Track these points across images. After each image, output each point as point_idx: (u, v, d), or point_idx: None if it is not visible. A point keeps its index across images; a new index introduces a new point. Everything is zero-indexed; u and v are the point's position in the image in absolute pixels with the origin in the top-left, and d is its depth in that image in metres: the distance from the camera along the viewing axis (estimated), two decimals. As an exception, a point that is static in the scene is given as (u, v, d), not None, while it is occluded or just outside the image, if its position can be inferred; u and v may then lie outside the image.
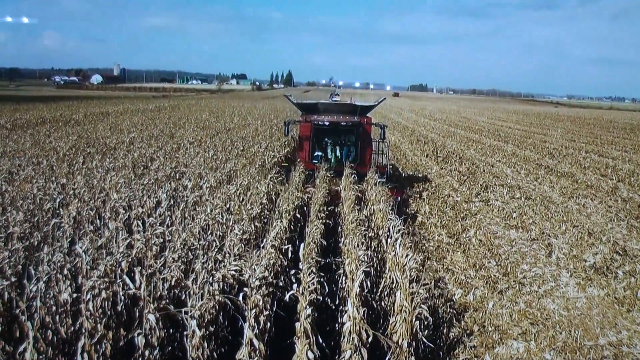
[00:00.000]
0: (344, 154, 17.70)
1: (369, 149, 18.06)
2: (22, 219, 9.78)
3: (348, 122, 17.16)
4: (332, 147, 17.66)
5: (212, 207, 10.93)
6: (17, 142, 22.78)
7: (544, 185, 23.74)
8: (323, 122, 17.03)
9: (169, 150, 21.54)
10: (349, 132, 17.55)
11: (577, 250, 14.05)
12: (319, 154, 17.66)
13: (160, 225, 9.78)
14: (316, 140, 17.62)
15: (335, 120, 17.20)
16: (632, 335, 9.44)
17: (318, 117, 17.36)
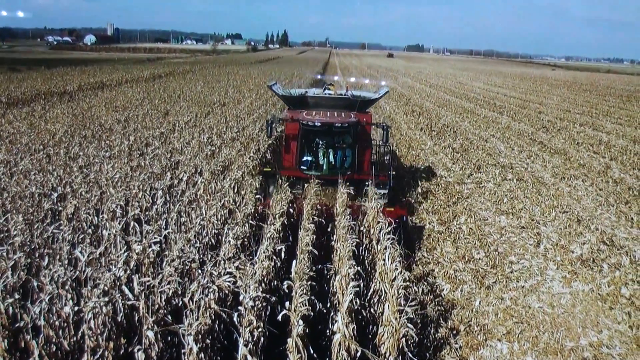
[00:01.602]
0: (338, 158, 14.41)
1: (369, 153, 15.01)
2: (22, 222, 9.97)
3: (344, 123, 13.84)
4: (325, 150, 14.23)
5: (206, 207, 11.14)
6: (11, 123, 22.76)
7: (536, 163, 23.97)
8: (314, 123, 13.68)
9: (164, 132, 21.56)
10: (344, 132, 14.26)
11: (565, 240, 14.39)
12: (308, 159, 14.46)
13: (156, 228, 9.97)
14: (305, 141, 14.35)
15: (328, 121, 13.82)
16: (613, 335, 9.84)
17: (307, 115, 14.23)
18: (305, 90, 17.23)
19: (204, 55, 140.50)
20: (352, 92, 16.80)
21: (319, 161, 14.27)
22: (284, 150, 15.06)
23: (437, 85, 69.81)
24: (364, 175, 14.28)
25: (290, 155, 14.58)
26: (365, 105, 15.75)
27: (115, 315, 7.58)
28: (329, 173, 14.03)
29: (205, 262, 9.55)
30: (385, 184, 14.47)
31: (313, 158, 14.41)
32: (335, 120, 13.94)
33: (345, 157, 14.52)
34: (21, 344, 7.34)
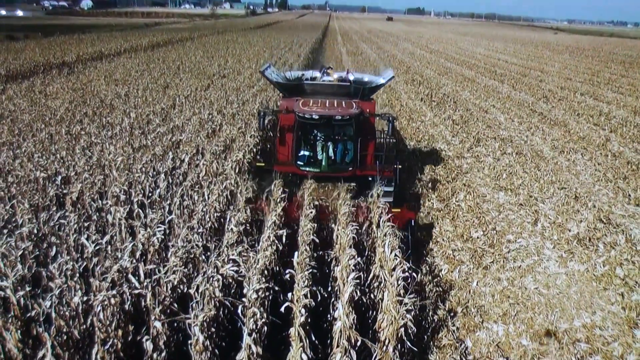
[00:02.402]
0: (338, 153, 13.09)
1: (372, 145, 13.59)
2: (28, 210, 10.16)
3: (344, 116, 12.38)
4: (324, 144, 12.89)
5: (209, 192, 11.31)
6: (11, 99, 22.74)
7: (536, 136, 24.02)
8: (311, 115, 12.24)
9: (164, 108, 21.55)
10: (345, 125, 12.87)
11: (563, 217, 14.58)
12: (305, 153, 13.06)
13: (160, 215, 10.16)
14: (302, 134, 13.01)
15: (327, 114, 12.37)
16: (606, 317, 10.11)
17: (304, 105, 12.71)
18: (301, 73, 16.00)
19: (203, 20, 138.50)
20: (353, 74, 15.62)
21: (317, 156, 12.92)
22: (278, 143, 13.59)
23: (438, 52, 69.09)
24: (367, 171, 13.09)
25: (286, 148, 13.28)
26: (368, 93, 14.27)
27: (123, 304, 7.83)
28: (328, 169, 12.75)
29: (209, 248, 9.80)
30: (391, 180, 13.13)
31: (311, 152, 13.05)
32: (335, 112, 12.45)
33: (346, 150, 13.16)
34: (33, 332, 7.64)
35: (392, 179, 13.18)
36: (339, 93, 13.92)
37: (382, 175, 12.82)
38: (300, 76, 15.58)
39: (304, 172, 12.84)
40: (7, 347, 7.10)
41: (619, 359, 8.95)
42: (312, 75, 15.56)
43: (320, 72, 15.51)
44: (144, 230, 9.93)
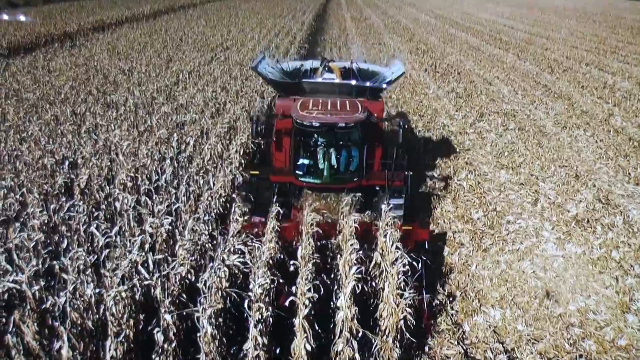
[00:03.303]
0: (342, 160, 11.60)
1: (380, 151, 12.18)
2: (38, 199, 10.43)
3: (349, 123, 10.99)
4: (325, 150, 11.43)
5: (214, 179, 11.57)
6: (14, 76, 22.81)
7: (539, 110, 24.02)
8: (310, 123, 10.89)
9: (168, 85, 21.61)
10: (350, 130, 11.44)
11: (562, 197, 14.80)
12: (305, 162, 11.61)
13: (166, 206, 10.43)
14: (301, 140, 11.66)
15: (329, 121, 10.92)
16: (600, 301, 10.45)
17: (303, 108, 11.17)
18: (300, 64, 14.74)
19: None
20: (357, 63, 14.25)
21: (319, 165, 11.47)
22: (274, 147, 12.22)
23: (443, 17, 68.00)
24: (374, 180, 11.79)
25: (282, 154, 12.01)
26: (375, 92, 12.80)
27: (134, 295, 8.16)
28: (330, 181, 11.33)
29: (215, 236, 10.10)
30: (401, 192, 11.72)
31: (311, 161, 11.62)
32: (339, 119, 10.97)
33: (350, 158, 11.69)
34: (49, 322, 8.02)
35: (402, 189, 11.75)
36: (342, 91, 12.40)
37: (391, 184, 11.51)
38: (299, 67, 14.33)
39: (303, 184, 11.57)
40: (26, 340, 7.47)
41: (610, 343, 9.30)
42: (312, 66, 14.30)
43: (321, 65, 13.89)
44: (151, 219, 10.25)
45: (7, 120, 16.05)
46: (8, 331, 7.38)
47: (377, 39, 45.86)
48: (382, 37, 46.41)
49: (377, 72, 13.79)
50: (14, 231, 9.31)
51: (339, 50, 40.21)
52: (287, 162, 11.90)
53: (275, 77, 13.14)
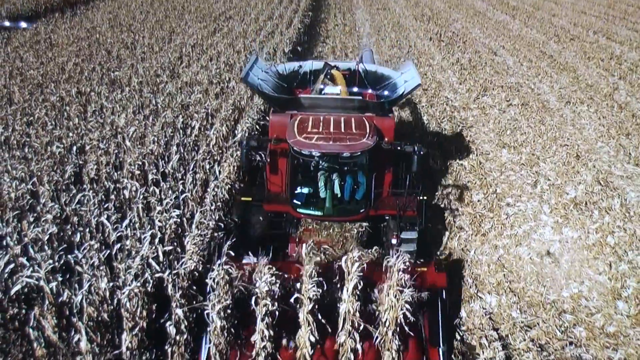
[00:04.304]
0: (346, 188, 10.13)
1: (390, 175, 10.73)
2: (49, 190, 10.77)
3: (355, 151, 9.54)
4: (327, 177, 9.97)
5: (220, 168, 11.88)
6: (16, 50, 22.85)
7: (544, 83, 23.97)
8: (310, 152, 9.48)
9: (171, 61, 21.65)
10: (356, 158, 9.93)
11: (562, 179, 15.03)
12: (304, 191, 10.26)
13: (174, 198, 10.77)
14: (299, 166, 10.16)
15: (332, 150, 9.51)
16: (593, 287, 10.84)
17: (301, 130, 9.73)
18: (298, 65, 12.86)
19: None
20: (364, 64, 12.56)
21: (320, 193, 10.08)
22: (268, 169, 10.63)
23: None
24: (383, 210, 10.45)
25: (278, 177, 10.56)
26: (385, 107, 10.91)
27: (146, 288, 8.60)
28: (333, 213, 10.00)
29: (221, 227, 10.48)
30: (414, 224, 10.35)
31: (311, 189, 10.21)
32: (343, 147, 9.46)
33: (356, 185, 10.22)
34: (66, 312, 8.50)
35: (415, 221, 10.41)
36: (347, 106, 10.78)
37: (403, 214, 10.24)
38: (297, 69, 12.64)
39: (302, 216, 10.34)
40: (46, 334, 7.95)
41: (600, 330, 9.73)
42: (312, 68, 12.55)
43: (322, 72, 12.03)
44: (159, 207, 10.62)
45: (14, 102, 16.24)
46: (29, 325, 7.84)
47: (382, 3, 45.22)
48: (388, 2, 45.73)
49: (386, 76, 12.30)
50: (27, 223, 9.68)
51: (343, 17, 39.81)
52: (283, 187, 10.45)
53: (270, 85, 11.47)
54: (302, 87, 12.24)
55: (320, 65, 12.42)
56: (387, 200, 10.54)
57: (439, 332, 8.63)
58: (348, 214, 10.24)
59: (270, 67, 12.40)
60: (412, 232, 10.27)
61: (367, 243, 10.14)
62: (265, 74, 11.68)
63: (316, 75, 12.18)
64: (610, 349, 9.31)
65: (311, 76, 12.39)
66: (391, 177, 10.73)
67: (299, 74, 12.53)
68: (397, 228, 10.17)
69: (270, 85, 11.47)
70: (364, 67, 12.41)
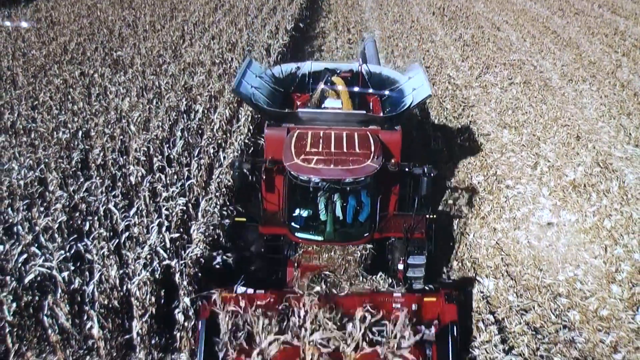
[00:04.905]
0: (349, 209, 9.43)
1: (395, 195, 9.93)
2: (57, 178, 11.02)
3: (359, 177, 8.76)
4: (328, 197, 9.20)
5: (224, 154, 12.09)
6: (18, 30, 22.82)
7: (546, 60, 23.92)
8: (309, 178, 8.83)
9: (174, 40, 21.63)
10: None
11: (562, 160, 15.18)
12: (302, 214, 9.54)
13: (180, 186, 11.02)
14: (298, 188, 9.31)
15: (333, 177, 8.76)
16: (588, 271, 11.11)
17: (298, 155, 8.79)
18: (296, 66, 11.83)
19: None
20: (367, 66, 11.85)
21: (320, 216, 9.39)
22: (264, 187, 9.82)
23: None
24: (389, 232, 9.73)
25: (275, 196, 9.78)
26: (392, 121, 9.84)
27: (154, 275, 8.91)
28: (335, 237, 9.25)
29: (224, 215, 10.76)
30: (423, 248, 9.71)
31: (310, 211, 9.49)
32: (345, 173, 8.65)
33: (360, 205, 9.51)
34: (78, 299, 8.84)
35: (424, 244, 9.76)
36: (349, 120, 9.92)
37: (410, 237, 9.54)
38: (294, 72, 11.71)
39: (300, 241, 9.54)
40: (60, 321, 8.29)
41: (593, 313, 10.04)
42: (311, 70, 11.64)
43: (322, 79, 10.97)
44: (165, 193, 10.89)
45: (18, 86, 16.36)
46: (44, 313, 8.18)
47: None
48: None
49: (392, 80, 11.39)
50: (37, 212, 9.95)
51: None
52: (280, 206, 9.71)
53: (265, 92, 10.60)
54: (300, 92, 11.37)
55: (320, 66, 11.62)
56: (393, 220, 9.70)
57: None
58: (351, 239, 9.46)
59: (265, 71, 11.42)
60: (420, 257, 9.65)
61: (371, 267, 9.50)
62: (259, 79, 10.77)
63: (315, 78, 11.32)
64: (603, 332, 9.61)
65: (310, 79, 11.49)
66: (397, 195, 9.87)
67: (297, 77, 11.61)
68: (404, 252, 9.57)
69: (265, 93, 10.61)
70: (367, 69, 11.67)
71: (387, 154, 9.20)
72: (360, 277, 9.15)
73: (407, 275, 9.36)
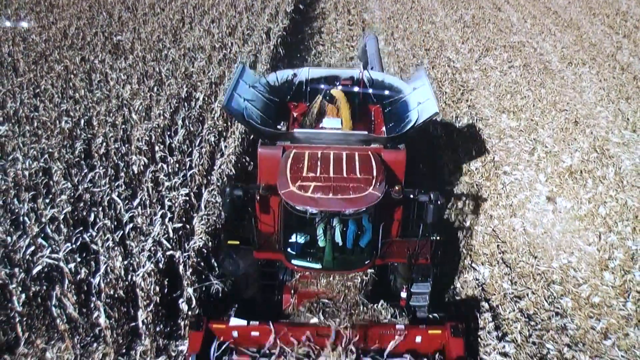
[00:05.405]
0: (349, 234, 8.84)
1: (397, 216, 9.16)
2: (61, 168, 11.21)
3: (360, 208, 8.06)
4: (327, 223, 8.50)
5: (225, 143, 12.25)
6: (17, 14, 22.76)
7: (547, 42, 23.88)
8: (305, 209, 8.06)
9: (173, 24, 21.59)
10: None
11: (559, 146, 15.33)
12: (299, 240, 8.88)
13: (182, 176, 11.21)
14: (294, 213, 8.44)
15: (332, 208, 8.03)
16: (581, 258, 11.36)
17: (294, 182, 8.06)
18: (292, 73, 11.03)
19: None
20: (369, 72, 11.18)
21: (318, 242, 8.80)
22: (258, 208, 9.07)
23: None
24: (391, 258, 9.05)
25: (270, 217, 9.03)
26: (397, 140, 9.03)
27: (158, 265, 9.17)
28: (334, 266, 8.69)
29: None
30: (427, 275, 9.17)
31: (307, 237, 8.87)
32: (345, 204, 7.92)
33: (360, 229, 8.88)
34: (84, 288, 9.12)
35: (429, 270, 9.19)
36: (349, 140, 9.09)
37: (414, 262, 8.89)
38: (290, 79, 10.97)
39: (297, 268, 8.95)
40: (68, 311, 8.57)
41: (585, 300, 10.31)
42: (309, 77, 10.98)
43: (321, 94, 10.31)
44: (168, 182, 11.10)
45: (19, 73, 16.43)
46: (52, 304, 8.46)
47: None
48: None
49: (395, 88, 10.76)
50: (43, 203, 10.16)
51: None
52: (275, 229, 9.00)
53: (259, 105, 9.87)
54: (297, 100, 10.75)
55: (318, 73, 11.03)
56: (396, 245, 9.10)
57: None
58: (351, 267, 8.86)
59: (259, 80, 10.66)
60: (425, 285, 9.12)
61: (372, 293, 9.06)
62: (252, 90, 10.01)
63: (313, 86, 10.81)
64: (594, 319, 9.89)
65: (307, 87, 10.89)
66: (400, 217, 9.16)
67: (293, 85, 10.93)
68: (407, 279, 9.06)
69: (259, 105, 9.87)
70: (368, 75, 10.98)
71: (390, 176, 8.52)
72: (361, 305, 8.76)
73: (410, 303, 8.89)
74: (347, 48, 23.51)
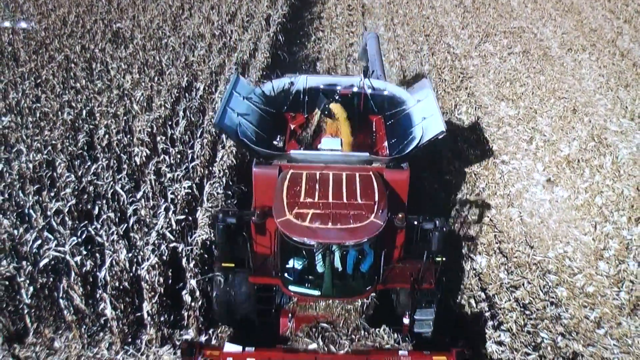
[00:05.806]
0: (349, 260, 8.35)
1: (400, 240, 8.82)
2: (65, 161, 11.36)
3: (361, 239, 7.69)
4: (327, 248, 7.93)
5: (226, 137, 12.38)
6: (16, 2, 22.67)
7: (547, 27, 23.84)
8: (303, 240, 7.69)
9: (173, 11, 21.54)
10: None
11: (557, 135, 15.45)
12: (297, 267, 8.39)
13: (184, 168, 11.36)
14: None
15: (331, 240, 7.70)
16: (577, 247, 11.57)
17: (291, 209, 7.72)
18: (290, 81, 10.69)
19: None
20: (370, 80, 10.69)
21: (317, 268, 8.29)
22: (253, 230, 8.75)
23: None
24: (393, 283, 8.72)
25: (266, 238, 8.70)
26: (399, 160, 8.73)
27: (162, 257, 9.37)
28: (333, 293, 8.23)
29: (229, 195, 11.15)
30: (432, 301, 8.72)
31: (305, 262, 8.35)
32: (345, 234, 7.56)
33: (361, 254, 8.38)
34: (90, 280, 9.34)
35: (434, 296, 8.74)
36: (348, 160, 8.77)
37: (418, 288, 8.54)
38: (287, 88, 10.62)
39: (294, 295, 8.50)
40: (75, 303, 8.80)
41: (580, 290, 10.54)
42: (306, 86, 10.59)
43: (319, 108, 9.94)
44: (170, 174, 11.26)
45: (20, 62, 16.47)
46: (59, 296, 8.68)
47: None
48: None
49: (397, 100, 10.38)
50: (47, 196, 10.32)
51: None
52: (272, 251, 8.57)
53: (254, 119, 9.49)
54: (294, 111, 10.44)
55: (316, 81, 10.63)
56: (399, 269, 8.75)
57: None
58: (351, 293, 8.39)
59: (254, 90, 10.15)
60: (429, 311, 8.68)
61: (374, 317, 8.58)
62: (247, 102, 9.59)
63: (311, 95, 10.44)
64: (588, 308, 10.13)
65: (305, 96, 10.53)
66: (403, 241, 8.79)
67: (290, 94, 10.53)
68: (410, 305, 8.65)
69: (254, 119, 9.45)
70: (369, 84, 10.53)
71: (393, 197, 8.16)
72: (362, 330, 8.30)
73: (413, 330, 8.53)
74: (347, 34, 23.46)
